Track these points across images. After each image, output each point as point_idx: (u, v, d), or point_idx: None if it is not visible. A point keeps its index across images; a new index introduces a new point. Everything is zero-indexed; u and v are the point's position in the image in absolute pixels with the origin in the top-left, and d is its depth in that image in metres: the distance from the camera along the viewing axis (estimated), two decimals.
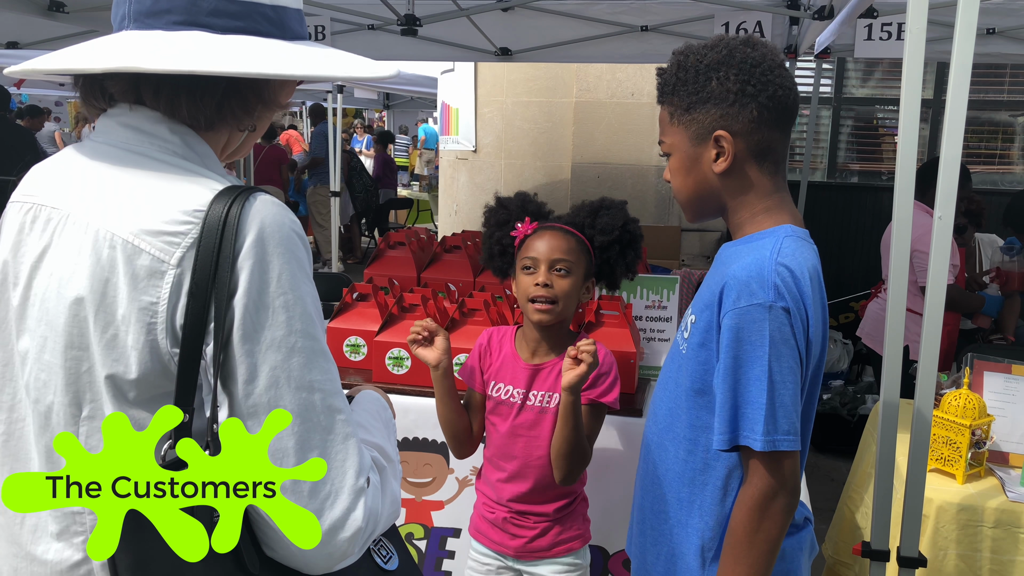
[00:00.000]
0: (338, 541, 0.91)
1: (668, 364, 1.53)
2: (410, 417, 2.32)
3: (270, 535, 0.92)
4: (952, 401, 2.18)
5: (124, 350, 0.89)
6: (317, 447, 0.91)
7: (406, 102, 11.81)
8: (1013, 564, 2.04)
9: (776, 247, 1.32)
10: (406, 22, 3.28)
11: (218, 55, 0.92)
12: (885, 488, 1.76)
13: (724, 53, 1.34)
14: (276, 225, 0.91)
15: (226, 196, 0.91)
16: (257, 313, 0.89)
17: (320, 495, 0.91)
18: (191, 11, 0.94)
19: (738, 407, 1.30)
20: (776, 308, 1.27)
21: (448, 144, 6.63)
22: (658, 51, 4.27)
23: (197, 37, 0.94)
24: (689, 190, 1.42)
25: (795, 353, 1.29)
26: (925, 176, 3.24)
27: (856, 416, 4.40)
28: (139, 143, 0.96)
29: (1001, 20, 3.80)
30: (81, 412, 0.92)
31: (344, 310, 2.53)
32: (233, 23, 0.96)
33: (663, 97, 1.42)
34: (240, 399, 0.89)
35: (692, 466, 1.42)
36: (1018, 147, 6.09)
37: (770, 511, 1.30)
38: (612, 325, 2.35)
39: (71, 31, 4.13)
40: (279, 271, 0.90)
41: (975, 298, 3.61)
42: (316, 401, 0.92)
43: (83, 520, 0.94)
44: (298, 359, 0.90)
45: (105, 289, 0.89)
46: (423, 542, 2.40)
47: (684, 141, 1.39)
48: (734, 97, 1.33)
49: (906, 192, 1.70)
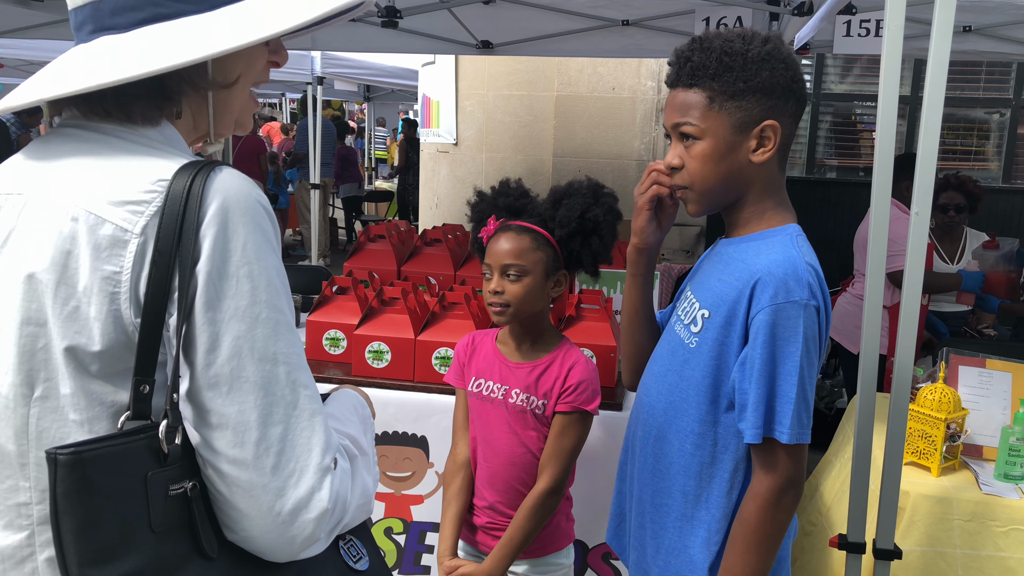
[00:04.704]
0: (302, 522, 0.89)
1: (666, 357, 1.51)
2: (389, 411, 2.31)
3: (230, 515, 0.89)
4: (928, 395, 2.20)
5: (86, 322, 0.87)
6: (281, 421, 0.88)
7: (386, 94, 11.75)
8: (988, 559, 2.06)
9: (797, 246, 1.36)
10: (386, 14, 3.26)
11: (112, 63, 0.90)
12: (861, 481, 1.77)
13: (771, 47, 1.34)
14: (241, 195, 0.89)
15: (191, 168, 0.89)
16: (220, 281, 0.86)
17: (283, 472, 0.88)
18: (96, 17, 0.94)
19: (771, 401, 1.32)
20: (810, 307, 1.31)
21: (429, 137, 6.61)
22: (639, 45, 4.27)
23: (101, 44, 0.93)
24: (718, 177, 1.38)
25: (818, 351, 1.34)
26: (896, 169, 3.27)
27: (833, 409, 4.44)
28: (104, 124, 0.95)
29: (977, 18, 3.83)
30: (33, 392, 0.89)
31: (323, 303, 2.51)
32: (136, 15, 0.93)
33: (697, 81, 1.36)
34: (201, 369, 0.86)
35: (699, 459, 1.42)
36: (993, 144, 6.16)
37: (783, 502, 1.34)
38: (592, 319, 2.35)
39: (47, 19, 4.08)
40: (243, 240, 0.88)
41: (950, 276, 3.60)
42: (280, 374, 0.89)
43: (29, 512, 0.91)
44: (262, 330, 0.88)
45: (67, 261, 0.87)
46: (402, 536, 2.39)
47: (724, 127, 1.35)
48: (782, 91, 1.34)
49: (883, 189, 1.72)
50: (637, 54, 4.71)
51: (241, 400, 0.87)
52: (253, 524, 0.88)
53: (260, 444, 0.87)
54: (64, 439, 0.88)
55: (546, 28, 4.29)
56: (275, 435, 0.88)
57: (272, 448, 0.88)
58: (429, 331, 2.34)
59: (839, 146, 6.47)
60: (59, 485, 0.81)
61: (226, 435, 0.87)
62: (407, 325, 2.33)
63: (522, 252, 1.78)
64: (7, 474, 0.92)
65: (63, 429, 0.89)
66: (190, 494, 0.88)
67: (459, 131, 6.17)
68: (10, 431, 0.91)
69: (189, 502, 0.88)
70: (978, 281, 3.51)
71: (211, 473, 0.89)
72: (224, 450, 0.87)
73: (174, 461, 0.88)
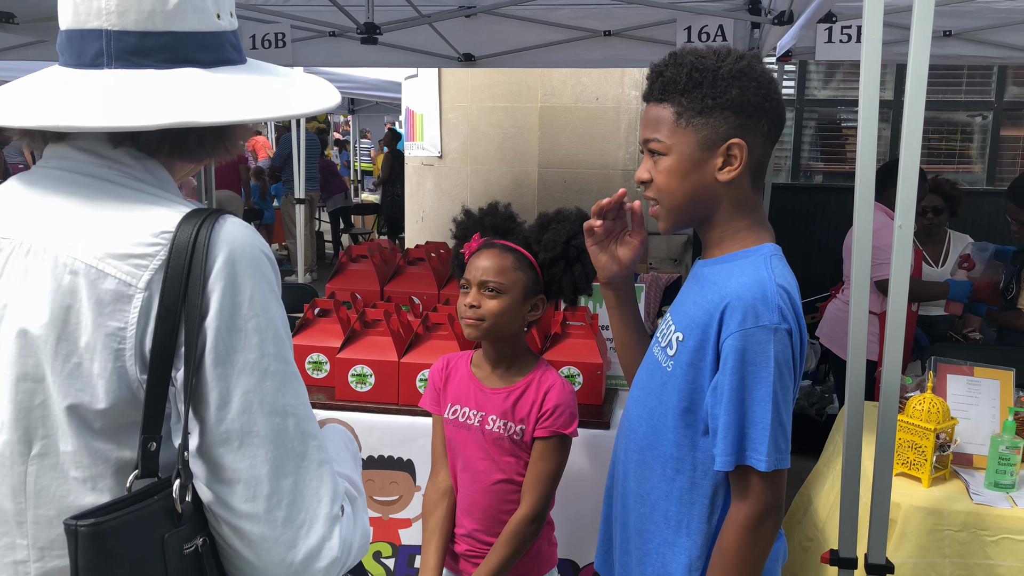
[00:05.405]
0: (313, 571, 0.90)
1: (646, 380, 1.50)
2: (375, 435, 2.28)
3: (242, 568, 0.89)
4: (916, 405, 2.19)
5: (90, 379, 0.85)
6: (291, 473, 0.89)
7: (371, 107, 11.74)
8: (978, 568, 2.05)
9: (769, 267, 1.33)
10: (366, 30, 3.24)
11: (197, 102, 0.90)
12: (852, 494, 1.75)
13: (744, 64, 1.32)
14: (246, 247, 0.89)
15: (194, 218, 0.88)
16: (230, 336, 0.86)
17: (295, 523, 0.89)
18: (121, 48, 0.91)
19: (743, 428, 1.30)
20: (781, 330, 1.28)
21: (413, 150, 6.58)
22: (621, 56, 4.27)
23: (183, 76, 0.91)
24: (683, 193, 1.37)
25: (792, 374, 1.31)
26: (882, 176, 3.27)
27: (824, 416, 4.43)
28: (97, 167, 0.92)
29: (957, 22, 3.85)
30: (31, 449, 0.87)
31: (305, 326, 2.48)
32: (171, 54, 0.92)
33: (668, 96, 1.35)
34: (212, 425, 0.86)
35: (679, 485, 1.41)
36: (977, 147, 6.18)
37: (762, 529, 1.32)
38: (578, 336, 2.33)
39: (21, 41, 4.05)
40: (251, 292, 0.88)
41: (937, 285, 3.60)
42: (290, 426, 0.90)
43: (27, 570, 0.90)
44: (271, 383, 0.88)
45: (67, 317, 0.85)
46: (391, 560, 2.36)
47: (690, 144, 1.34)
48: (752, 109, 1.32)
49: (866, 200, 1.70)
50: (620, 64, 4.72)
51: (252, 455, 0.87)
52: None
53: (272, 497, 0.88)
54: (65, 497, 0.88)
55: (528, 40, 4.29)
56: (286, 487, 0.89)
57: (284, 500, 0.89)
58: (413, 353, 2.31)
59: (824, 151, 6.48)
60: (81, 557, 0.81)
61: (237, 490, 0.87)
62: (390, 347, 2.30)
63: (503, 270, 1.77)
64: (3, 531, 0.90)
65: (63, 487, 0.88)
66: (201, 550, 0.89)
67: (443, 144, 6.15)
68: (6, 489, 0.89)
69: (200, 558, 0.89)
70: (965, 290, 3.52)
71: (223, 528, 0.89)
72: (236, 505, 0.87)
73: (187, 520, 0.88)
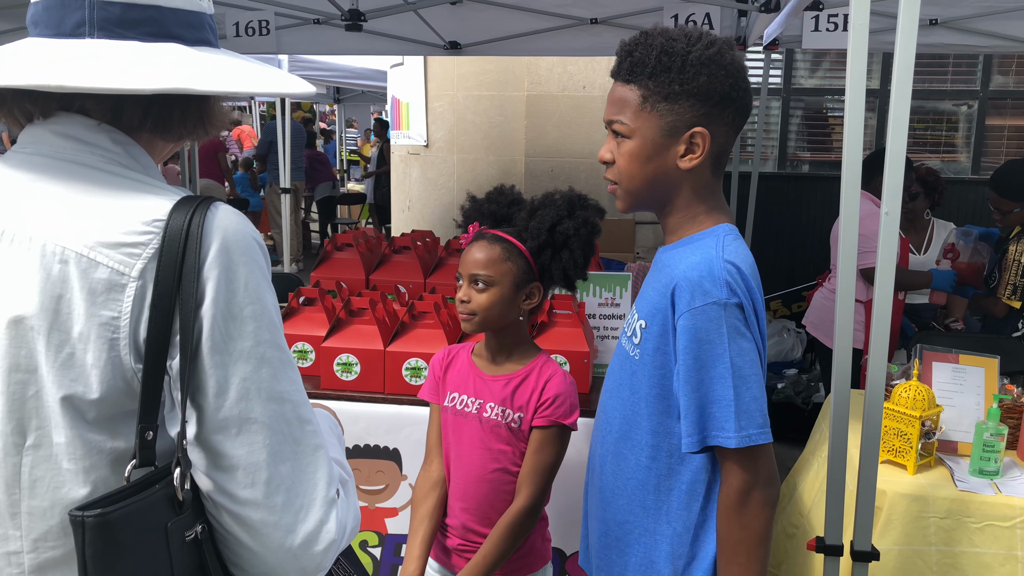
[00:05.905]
0: (312, 554, 0.91)
1: (617, 372, 1.49)
2: (360, 424, 2.27)
3: (241, 553, 0.90)
4: (902, 393, 2.20)
5: (83, 369, 0.85)
6: (288, 459, 0.90)
7: (357, 96, 11.67)
8: (963, 554, 2.06)
9: (720, 245, 1.32)
10: (350, 17, 3.21)
11: (191, 71, 0.88)
12: (838, 482, 1.76)
13: (714, 51, 1.29)
14: (240, 234, 0.89)
15: (186, 205, 0.88)
16: (226, 324, 0.86)
17: (293, 508, 0.90)
18: (103, 17, 0.89)
19: (704, 407, 1.29)
20: (731, 305, 1.27)
21: (399, 139, 6.55)
22: (608, 44, 4.25)
23: (168, 49, 0.90)
24: (644, 178, 1.36)
25: (753, 346, 1.30)
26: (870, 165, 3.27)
27: (810, 404, 4.45)
28: (78, 153, 0.90)
29: (943, 11, 3.86)
30: (25, 441, 0.87)
31: (290, 315, 2.46)
32: (155, 28, 0.91)
33: (635, 77, 1.33)
34: (210, 412, 0.87)
35: (656, 472, 1.40)
36: (962, 136, 6.21)
37: (749, 506, 1.30)
38: (565, 325, 2.32)
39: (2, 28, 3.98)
40: (245, 280, 0.88)
41: (921, 275, 3.62)
42: (286, 412, 0.90)
43: (20, 561, 0.90)
44: (267, 370, 0.89)
45: (58, 306, 0.84)
46: (378, 549, 2.35)
47: (653, 129, 1.32)
48: (719, 98, 1.30)
49: (853, 189, 1.70)
50: (606, 52, 4.68)
51: (250, 441, 0.88)
52: (264, 561, 0.90)
53: (270, 483, 0.89)
54: (59, 488, 0.87)
55: (514, 28, 4.27)
56: (284, 473, 0.90)
57: (282, 486, 0.89)
58: (399, 341, 2.30)
59: (811, 140, 6.49)
60: (88, 548, 0.81)
61: (236, 476, 0.88)
62: (376, 336, 2.29)
63: (491, 262, 1.75)
64: None
65: (57, 478, 0.87)
66: (200, 537, 0.89)
67: (429, 133, 6.11)
68: (0, 481, 0.88)
69: (200, 545, 0.90)
70: (948, 280, 3.53)
71: (222, 515, 0.89)
72: (236, 491, 0.88)
73: (187, 507, 0.88)
